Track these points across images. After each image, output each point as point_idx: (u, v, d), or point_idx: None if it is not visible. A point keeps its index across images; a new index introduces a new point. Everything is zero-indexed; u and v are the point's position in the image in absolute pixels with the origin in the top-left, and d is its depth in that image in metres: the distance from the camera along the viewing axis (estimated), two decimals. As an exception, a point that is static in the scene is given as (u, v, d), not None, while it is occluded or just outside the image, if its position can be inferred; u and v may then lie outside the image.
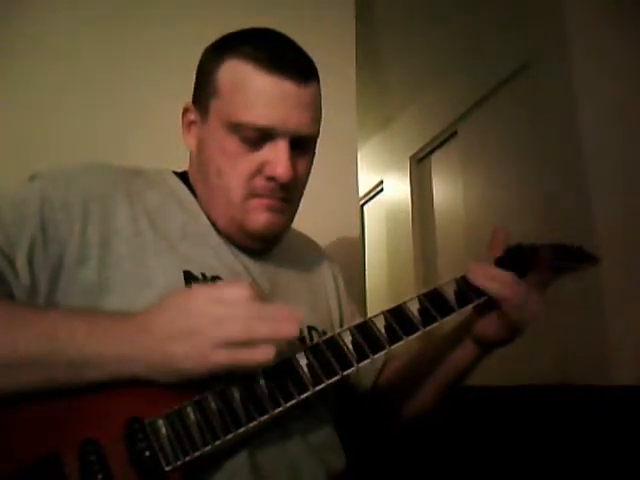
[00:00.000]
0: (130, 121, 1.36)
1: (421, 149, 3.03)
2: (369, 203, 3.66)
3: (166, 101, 1.36)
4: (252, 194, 0.75)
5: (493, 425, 1.35)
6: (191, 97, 0.82)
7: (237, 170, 0.74)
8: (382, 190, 3.49)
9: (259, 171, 0.74)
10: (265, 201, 0.75)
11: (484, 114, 2.47)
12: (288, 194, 0.77)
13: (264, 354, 0.58)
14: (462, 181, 2.64)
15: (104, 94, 1.36)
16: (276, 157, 0.73)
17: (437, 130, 2.84)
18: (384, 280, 3.25)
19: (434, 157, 3.00)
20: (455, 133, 2.72)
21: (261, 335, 0.59)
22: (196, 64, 0.82)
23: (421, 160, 3.09)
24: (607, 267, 1.71)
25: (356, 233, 1.60)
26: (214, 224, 0.79)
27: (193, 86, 0.82)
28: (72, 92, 1.34)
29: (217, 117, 0.75)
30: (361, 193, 3.35)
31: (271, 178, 0.74)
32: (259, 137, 0.73)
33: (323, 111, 0.80)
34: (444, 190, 2.89)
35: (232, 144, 0.74)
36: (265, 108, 0.72)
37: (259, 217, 0.75)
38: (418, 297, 0.72)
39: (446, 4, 2.34)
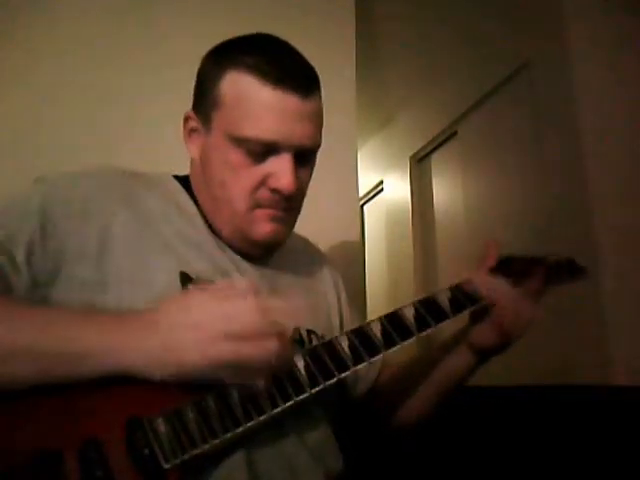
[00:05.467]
0: (129, 121, 1.36)
1: (421, 149, 3.03)
2: (369, 203, 3.66)
3: (166, 101, 1.36)
4: (256, 205, 0.76)
5: (493, 425, 1.34)
6: (191, 102, 0.81)
7: (241, 182, 0.75)
8: (382, 190, 3.49)
9: (263, 183, 0.75)
10: (269, 211, 0.76)
11: (484, 114, 2.47)
12: (291, 204, 0.78)
13: (267, 348, 0.58)
14: (462, 181, 2.63)
15: (102, 92, 1.36)
16: (281, 170, 0.73)
17: (437, 130, 2.83)
18: (384, 280, 3.25)
19: (434, 157, 3.00)
20: (455, 133, 2.72)
21: (262, 330, 0.58)
22: (194, 65, 0.82)
23: (421, 160, 3.09)
24: (607, 267, 1.71)
25: (356, 233, 1.60)
26: (214, 230, 0.80)
27: (193, 92, 0.81)
28: (70, 90, 1.34)
29: (220, 129, 0.75)
30: (361, 193, 3.35)
31: (275, 190, 0.74)
32: (263, 151, 0.74)
33: (323, 111, 0.80)
34: (444, 190, 2.89)
35: (236, 157, 0.74)
36: (270, 123, 0.72)
37: (264, 227, 0.76)
38: (413, 304, 0.74)
39: (446, 4, 2.34)
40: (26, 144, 1.29)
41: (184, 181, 0.84)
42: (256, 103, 0.72)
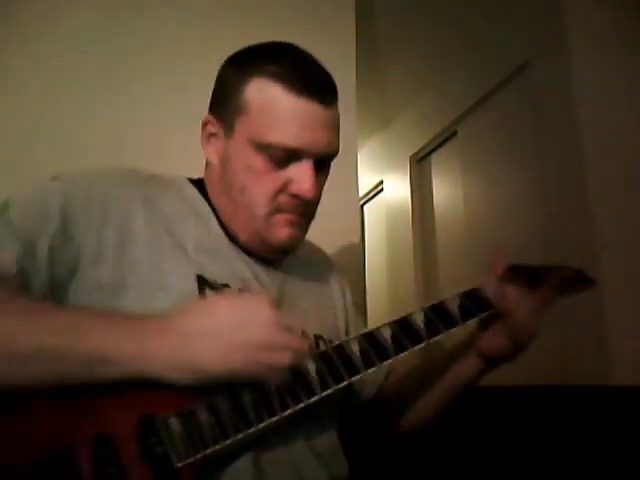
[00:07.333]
0: (131, 122, 1.36)
1: (421, 149, 3.03)
2: (369, 203, 3.66)
3: (170, 102, 1.36)
4: (276, 210, 0.77)
5: (493, 425, 1.35)
6: (207, 106, 0.82)
7: (262, 187, 0.76)
8: (382, 190, 3.49)
9: (283, 189, 0.76)
10: (288, 216, 0.78)
11: (484, 114, 2.47)
12: (308, 209, 0.80)
13: (281, 358, 0.61)
14: (462, 181, 2.63)
15: (105, 93, 1.36)
16: (302, 176, 0.75)
17: (437, 130, 2.83)
18: (384, 280, 3.25)
19: (434, 157, 2.99)
20: (455, 133, 2.72)
21: (278, 342, 0.61)
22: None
23: (421, 160, 3.09)
24: (607, 267, 1.71)
25: (356, 233, 1.60)
26: (228, 234, 0.80)
27: (212, 97, 0.82)
28: (72, 91, 1.34)
29: (244, 135, 0.76)
30: (361, 193, 3.35)
31: (296, 196, 0.76)
32: (286, 157, 0.75)
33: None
34: (444, 190, 2.89)
35: (258, 162, 0.75)
36: (295, 130, 0.73)
37: (281, 232, 0.78)
38: (423, 310, 0.74)
39: (446, 4, 2.34)
40: (28, 144, 1.29)
41: (198, 185, 0.84)
42: (281, 110, 0.73)
